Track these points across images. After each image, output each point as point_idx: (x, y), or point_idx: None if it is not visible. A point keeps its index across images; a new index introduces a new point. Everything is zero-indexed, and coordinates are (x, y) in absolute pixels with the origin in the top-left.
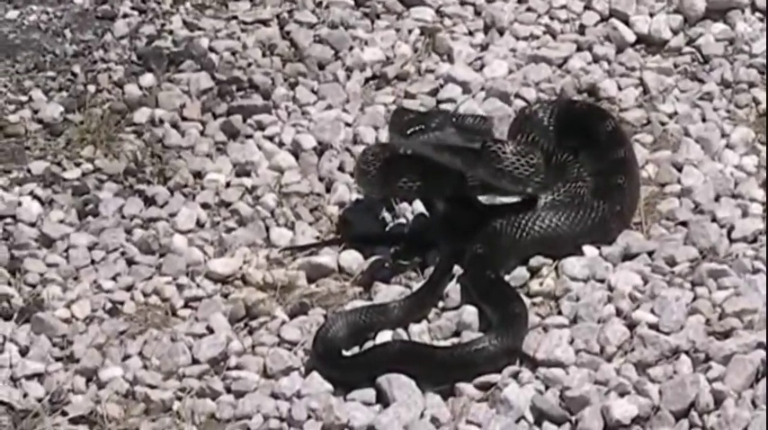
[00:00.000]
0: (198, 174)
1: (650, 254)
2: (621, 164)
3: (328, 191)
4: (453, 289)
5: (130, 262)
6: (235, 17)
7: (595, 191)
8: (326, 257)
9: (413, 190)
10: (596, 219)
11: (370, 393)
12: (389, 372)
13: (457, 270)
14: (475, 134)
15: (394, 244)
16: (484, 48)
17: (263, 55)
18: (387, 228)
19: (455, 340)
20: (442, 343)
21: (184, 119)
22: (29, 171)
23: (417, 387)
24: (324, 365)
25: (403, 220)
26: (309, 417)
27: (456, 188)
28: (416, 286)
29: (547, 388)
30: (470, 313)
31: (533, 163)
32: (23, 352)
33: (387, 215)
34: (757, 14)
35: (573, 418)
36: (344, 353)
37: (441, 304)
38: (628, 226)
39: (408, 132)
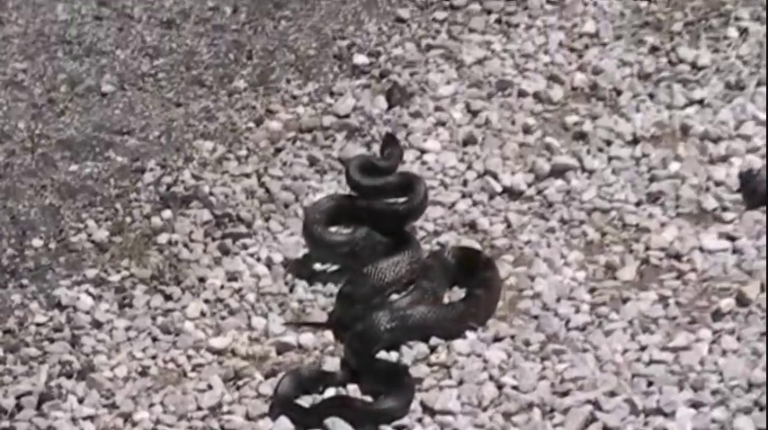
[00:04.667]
0: (201, 280)
1: (512, 337)
2: (485, 281)
3: (291, 291)
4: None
5: (155, 339)
6: (227, 171)
7: (464, 299)
8: (290, 337)
9: None
10: (453, 314)
11: None
12: (333, 417)
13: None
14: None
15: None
16: None
17: (247, 198)
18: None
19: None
20: (369, 398)
21: (192, 241)
22: (84, 276)
23: (353, 427)
24: (283, 412)
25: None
26: None
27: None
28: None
29: (442, 429)
30: None
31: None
32: (80, 400)
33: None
34: (585, 174)
35: None
36: (298, 402)
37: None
38: (482, 322)
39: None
